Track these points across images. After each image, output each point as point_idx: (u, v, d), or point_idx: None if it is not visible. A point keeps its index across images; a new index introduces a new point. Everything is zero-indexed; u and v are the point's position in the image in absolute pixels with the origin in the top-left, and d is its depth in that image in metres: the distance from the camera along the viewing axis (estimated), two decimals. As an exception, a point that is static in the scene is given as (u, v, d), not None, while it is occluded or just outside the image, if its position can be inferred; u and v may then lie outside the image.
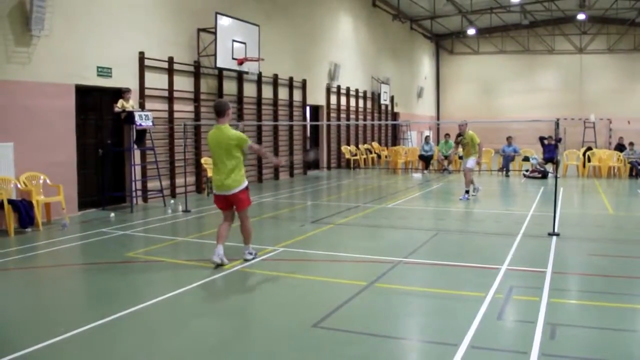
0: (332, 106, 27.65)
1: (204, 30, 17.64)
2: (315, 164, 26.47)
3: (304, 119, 24.83)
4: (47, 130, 12.80)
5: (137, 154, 15.06)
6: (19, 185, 12.01)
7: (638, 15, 35.80)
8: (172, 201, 15.59)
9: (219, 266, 8.41)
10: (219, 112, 8.67)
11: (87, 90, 14.04)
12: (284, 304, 6.96)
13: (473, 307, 6.47)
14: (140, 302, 6.79)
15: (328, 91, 27.17)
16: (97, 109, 14.73)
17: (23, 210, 11.46)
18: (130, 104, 14.44)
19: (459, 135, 16.90)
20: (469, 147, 16.49)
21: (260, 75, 20.55)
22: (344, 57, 28.81)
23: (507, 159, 24.31)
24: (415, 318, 6.58)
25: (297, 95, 23.92)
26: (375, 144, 32.71)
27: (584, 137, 40.20)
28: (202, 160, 17.56)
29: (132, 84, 15.08)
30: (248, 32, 18.88)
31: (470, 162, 16.41)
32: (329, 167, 27.23)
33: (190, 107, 17.49)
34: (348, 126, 29.48)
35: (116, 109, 14.29)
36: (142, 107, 15.24)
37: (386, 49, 35.29)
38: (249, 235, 8.91)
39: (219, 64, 17.70)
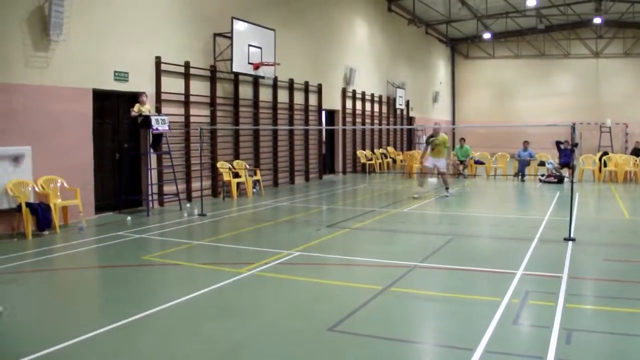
0: (347, 110, 27.65)
1: (220, 35, 17.72)
2: (331, 169, 26.51)
3: (320, 123, 24.83)
4: (65, 134, 12.92)
5: (153, 157, 15.14)
6: (36, 189, 12.11)
7: (655, 19, 35.63)
8: (188, 205, 15.64)
9: None
10: None
11: (104, 95, 14.15)
12: (299, 307, 6.98)
13: (488, 312, 6.47)
14: (156, 305, 6.84)
15: (344, 95, 27.19)
16: (114, 113, 14.83)
17: (41, 213, 11.57)
18: (146, 108, 14.54)
19: (431, 136, 18.36)
20: (440, 148, 17.93)
21: (276, 79, 20.63)
22: (360, 62, 28.82)
23: (523, 164, 24.16)
24: (431, 322, 6.58)
25: (312, 100, 23.95)
26: (390, 149, 32.67)
27: (600, 142, 39.92)
28: (218, 165, 17.64)
29: (149, 88, 15.18)
30: (264, 36, 18.95)
31: (443, 162, 18.17)
32: (344, 172, 27.23)
33: (206, 112, 17.56)
34: (363, 130, 29.46)
35: (133, 113, 14.39)
36: (158, 111, 15.33)
37: (401, 53, 35.26)
38: None
39: (235, 69, 17.77)
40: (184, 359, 5.45)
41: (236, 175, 18.07)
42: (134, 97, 14.58)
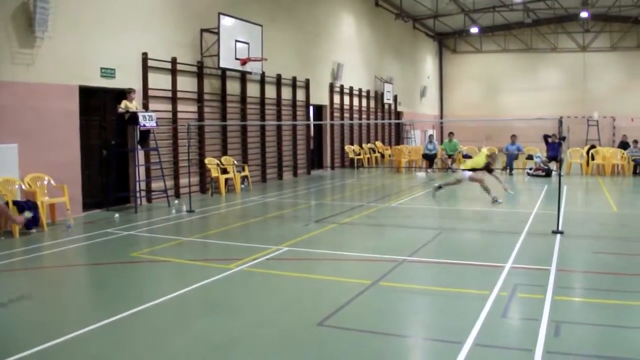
0: (335, 106, 27.65)
1: (207, 30, 17.66)
2: (319, 164, 26.51)
3: (308, 118, 24.82)
4: (52, 131, 12.84)
5: (141, 154, 15.07)
6: (23, 187, 12.04)
7: (641, 13, 35.81)
8: (176, 201, 15.61)
9: None
10: None
11: (90, 91, 14.07)
12: (288, 303, 6.98)
13: (477, 305, 6.48)
14: (146, 302, 6.81)
15: (331, 91, 27.16)
16: (101, 110, 14.76)
17: (28, 211, 11.49)
18: (133, 104, 14.48)
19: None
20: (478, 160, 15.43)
21: (263, 75, 20.57)
22: (347, 57, 28.81)
23: (511, 158, 24.22)
24: (420, 316, 6.59)
25: (300, 95, 23.92)
26: (378, 143, 32.70)
27: (588, 135, 40.18)
28: (206, 161, 17.60)
29: (136, 84, 15.11)
30: (251, 32, 18.91)
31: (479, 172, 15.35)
32: (332, 167, 27.23)
33: (193, 108, 17.50)
34: (351, 125, 29.47)
35: (120, 110, 14.32)
36: (145, 107, 15.28)
37: (389, 48, 35.28)
38: None
39: (222, 64, 17.73)
40: (174, 354, 5.43)
41: (224, 171, 18.03)
42: (121, 94, 14.51)
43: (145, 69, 15.51)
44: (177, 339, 5.77)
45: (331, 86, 27.14)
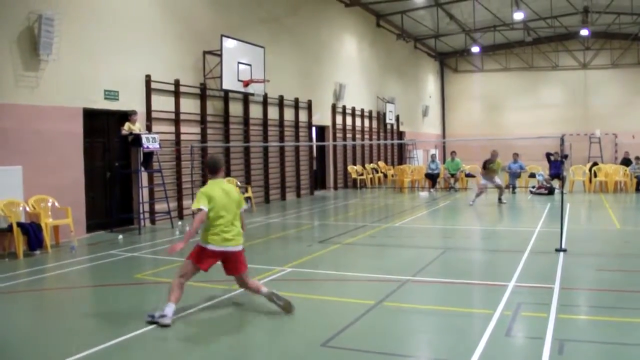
0: (337, 126, 27.68)
1: (210, 52, 17.77)
2: (322, 185, 26.52)
3: (310, 139, 24.85)
4: (56, 154, 12.91)
5: (144, 176, 15.13)
6: (27, 209, 12.09)
7: (641, 30, 35.91)
8: (180, 223, 15.63)
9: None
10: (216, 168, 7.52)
11: (94, 114, 14.15)
12: (292, 323, 6.97)
13: (481, 324, 6.48)
14: (150, 324, 6.81)
15: (334, 111, 27.22)
16: (105, 132, 14.84)
17: (32, 233, 11.51)
18: (137, 126, 14.54)
19: (490, 162, 19.66)
20: (497, 170, 20.09)
21: (265, 96, 20.66)
22: (349, 77, 28.88)
23: (514, 176, 24.25)
24: (424, 336, 6.59)
25: (302, 116, 23.99)
26: (381, 163, 32.69)
27: (590, 153, 40.19)
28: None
29: (139, 106, 15.18)
30: (253, 53, 19.02)
31: (497, 179, 20.09)
32: (335, 187, 27.22)
33: (196, 129, 17.58)
34: (354, 146, 29.47)
35: (123, 132, 14.38)
36: (149, 129, 15.35)
37: (391, 68, 35.39)
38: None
39: (225, 86, 17.82)
40: (178, 377, 5.44)
41: (227, 192, 18.00)
42: (124, 116, 14.59)
43: (149, 91, 15.60)
44: (182, 361, 5.78)
45: (333, 107, 27.19)
